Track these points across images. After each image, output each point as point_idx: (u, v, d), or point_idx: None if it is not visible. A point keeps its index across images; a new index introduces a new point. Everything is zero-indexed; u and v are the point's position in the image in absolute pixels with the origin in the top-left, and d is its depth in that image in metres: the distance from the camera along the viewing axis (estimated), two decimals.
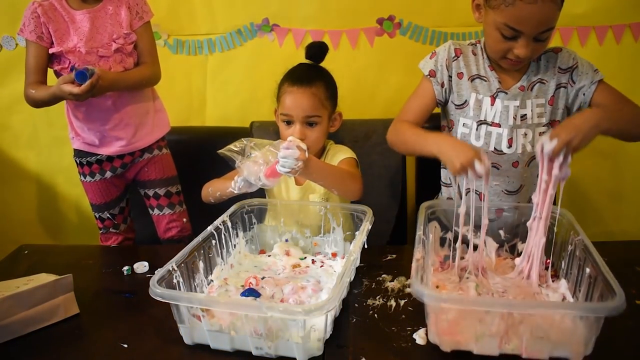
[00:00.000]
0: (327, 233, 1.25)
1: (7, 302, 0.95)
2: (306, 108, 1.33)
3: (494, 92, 1.23)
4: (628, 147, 1.87)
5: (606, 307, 0.78)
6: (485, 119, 1.24)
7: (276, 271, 1.17)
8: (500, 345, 0.85)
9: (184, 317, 0.91)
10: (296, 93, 1.34)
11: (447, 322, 0.87)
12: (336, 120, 1.44)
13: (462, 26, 1.77)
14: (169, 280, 0.96)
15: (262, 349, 0.88)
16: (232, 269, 1.17)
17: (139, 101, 1.54)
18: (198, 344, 0.93)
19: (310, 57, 1.41)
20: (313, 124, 1.36)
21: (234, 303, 0.92)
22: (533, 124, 1.23)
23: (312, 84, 1.35)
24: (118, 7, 1.46)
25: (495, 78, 1.23)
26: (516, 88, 1.22)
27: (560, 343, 0.83)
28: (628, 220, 1.94)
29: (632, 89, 1.81)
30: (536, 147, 1.00)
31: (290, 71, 1.42)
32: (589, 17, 1.74)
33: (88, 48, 1.41)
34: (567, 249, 1.07)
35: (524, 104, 1.22)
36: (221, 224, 1.17)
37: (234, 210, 1.24)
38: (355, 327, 0.97)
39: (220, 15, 1.80)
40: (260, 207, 1.29)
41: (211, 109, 1.92)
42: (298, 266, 1.19)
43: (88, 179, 1.58)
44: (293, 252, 1.24)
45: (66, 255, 1.37)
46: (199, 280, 1.07)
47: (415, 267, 0.92)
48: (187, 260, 1.03)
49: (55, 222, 2.04)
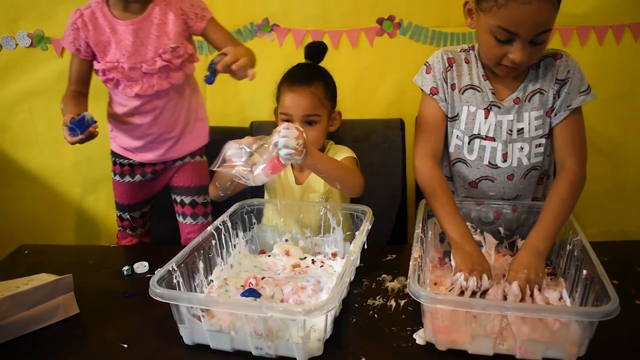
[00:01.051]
0: (327, 233, 1.25)
1: (7, 302, 0.95)
2: (305, 107, 1.34)
3: (487, 105, 1.17)
4: (628, 147, 1.88)
5: (601, 312, 0.78)
6: (479, 133, 1.19)
7: (276, 271, 1.17)
8: (495, 345, 0.85)
9: (184, 317, 0.91)
10: (295, 92, 1.35)
11: (443, 322, 0.88)
12: (335, 119, 1.44)
13: (461, 26, 1.77)
14: (169, 281, 0.96)
15: (262, 349, 0.88)
16: (232, 269, 1.17)
17: (181, 114, 1.48)
18: (198, 344, 0.93)
19: (309, 57, 1.42)
20: (312, 122, 1.36)
21: (234, 303, 0.92)
22: (530, 137, 1.18)
23: (311, 83, 1.35)
24: (165, 14, 1.35)
25: (490, 89, 1.17)
26: (511, 100, 1.16)
27: (554, 344, 0.83)
28: (628, 220, 1.94)
29: (632, 88, 1.82)
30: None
31: (289, 71, 1.42)
32: (589, 17, 1.74)
33: (131, 64, 1.34)
34: (566, 248, 1.07)
35: (521, 117, 1.17)
36: (221, 224, 1.17)
37: (234, 210, 1.24)
38: (355, 327, 0.97)
39: (220, 16, 1.78)
40: (260, 207, 1.29)
41: (211, 109, 1.91)
42: (298, 266, 1.19)
43: (117, 178, 1.56)
44: (293, 252, 1.24)
45: (66, 255, 1.37)
46: (199, 281, 1.07)
47: (413, 266, 0.92)
48: (187, 261, 1.03)
49: (55, 223, 2.04)
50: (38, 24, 1.80)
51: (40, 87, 1.87)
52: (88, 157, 1.96)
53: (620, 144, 1.88)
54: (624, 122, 1.85)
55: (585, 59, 1.80)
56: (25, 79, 1.87)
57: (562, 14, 1.74)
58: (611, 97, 1.83)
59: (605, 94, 1.83)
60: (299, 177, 1.42)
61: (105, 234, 2.04)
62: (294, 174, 1.42)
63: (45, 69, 1.85)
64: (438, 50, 1.23)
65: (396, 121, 1.66)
